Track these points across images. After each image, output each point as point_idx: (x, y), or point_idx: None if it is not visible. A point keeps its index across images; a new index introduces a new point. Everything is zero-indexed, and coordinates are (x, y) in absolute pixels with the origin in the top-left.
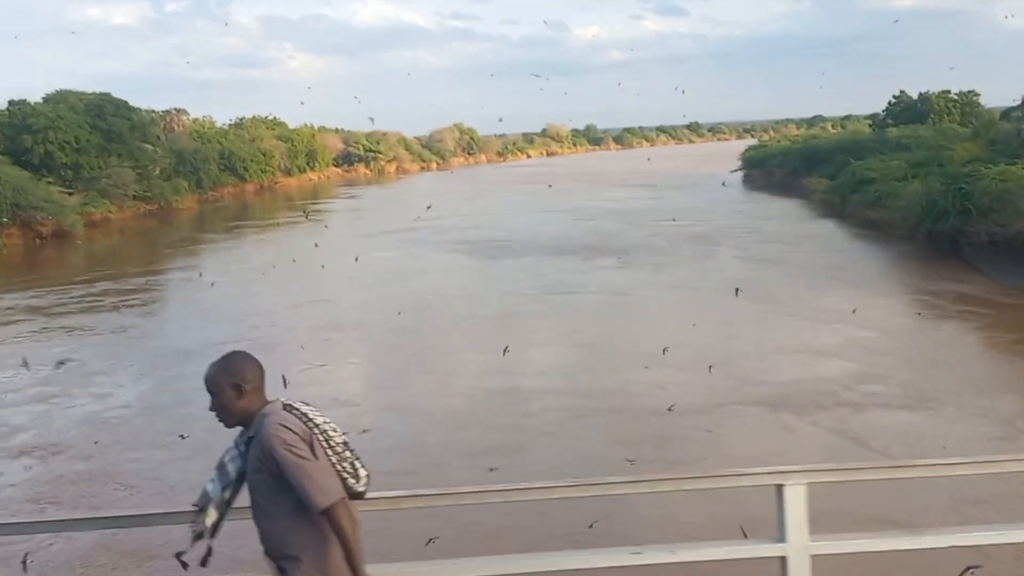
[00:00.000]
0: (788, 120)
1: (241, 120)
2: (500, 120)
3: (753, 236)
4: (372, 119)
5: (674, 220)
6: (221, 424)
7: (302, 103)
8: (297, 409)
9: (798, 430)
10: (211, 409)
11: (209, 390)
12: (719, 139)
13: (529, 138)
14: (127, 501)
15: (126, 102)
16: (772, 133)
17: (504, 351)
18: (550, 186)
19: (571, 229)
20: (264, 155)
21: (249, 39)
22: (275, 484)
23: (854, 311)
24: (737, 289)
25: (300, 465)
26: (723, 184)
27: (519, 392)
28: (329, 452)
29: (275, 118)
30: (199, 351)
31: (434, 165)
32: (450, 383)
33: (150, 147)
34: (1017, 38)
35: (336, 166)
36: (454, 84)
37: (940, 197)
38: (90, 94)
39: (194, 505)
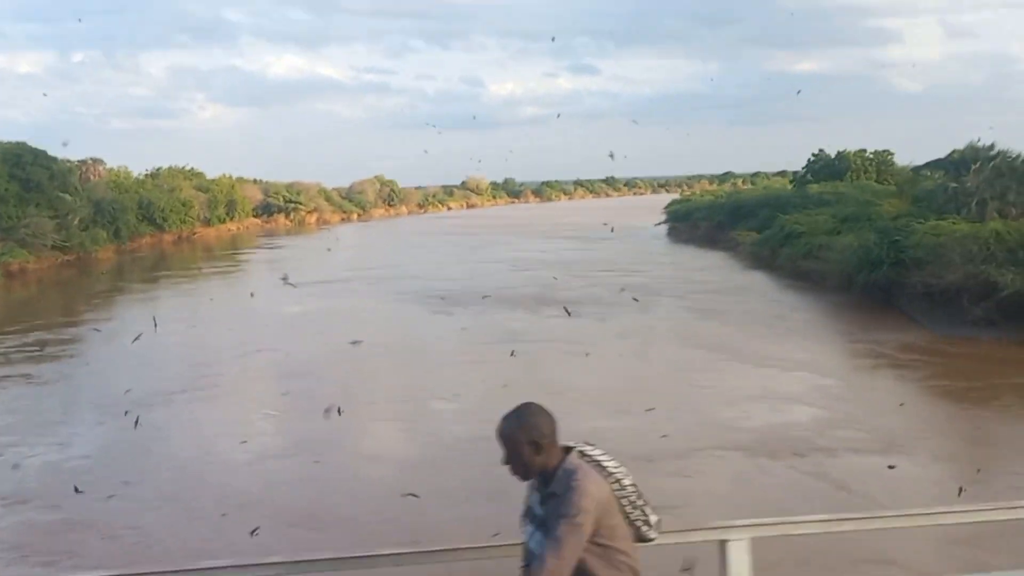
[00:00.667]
0: (700, 176)
1: (158, 170)
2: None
3: (690, 286)
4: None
5: (611, 271)
6: (516, 477)
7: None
8: (592, 459)
9: (775, 474)
10: (505, 463)
11: (505, 445)
12: (635, 193)
13: (449, 190)
14: (114, 549)
15: (45, 152)
16: (686, 188)
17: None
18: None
19: (511, 279)
20: (183, 205)
21: (159, 89)
22: None
23: (809, 357)
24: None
25: (566, 535)
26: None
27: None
28: (624, 501)
29: (192, 168)
30: (147, 399)
31: (355, 216)
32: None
33: (69, 197)
34: (912, 100)
35: (256, 216)
36: (371, 136)
37: (875, 249)
38: (7, 143)
39: (523, 567)
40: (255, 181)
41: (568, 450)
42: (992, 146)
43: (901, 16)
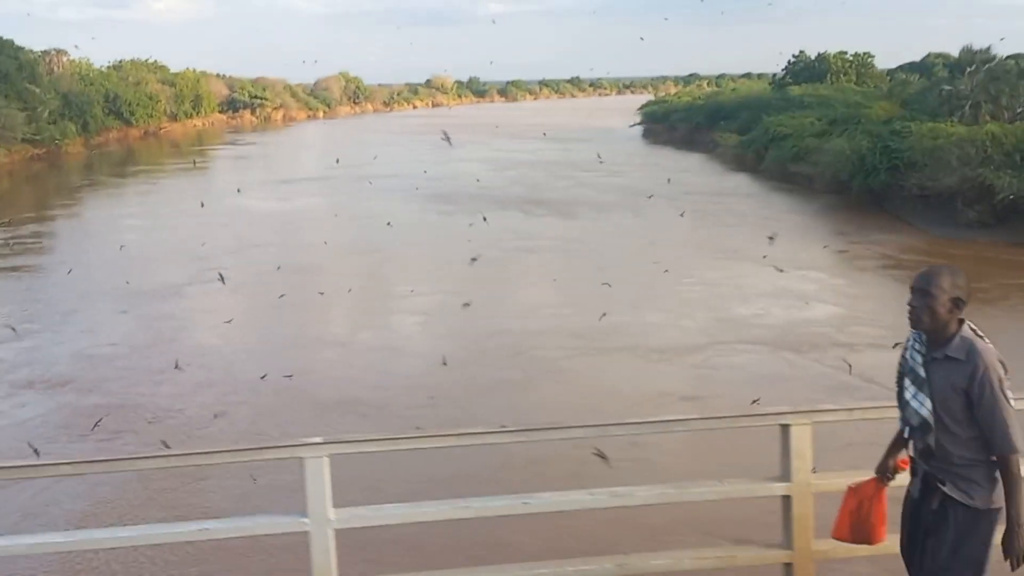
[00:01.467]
0: (665, 78)
1: (120, 63)
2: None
3: (676, 188)
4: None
5: (600, 161)
6: (909, 322)
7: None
8: (976, 334)
9: (803, 367)
10: (912, 304)
11: (925, 294)
12: (600, 94)
13: (414, 89)
14: (157, 431)
15: (12, 41)
16: (651, 89)
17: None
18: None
19: (495, 179)
20: (150, 99)
21: None
22: (965, 412)
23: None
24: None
25: (1002, 406)
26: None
27: (519, 334)
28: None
29: (156, 61)
30: (158, 291)
31: (320, 114)
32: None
33: (37, 89)
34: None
35: (221, 113)
36: (331, 32)
37: (869, 155)
38: None
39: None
40: (219, 76)
41: (962, 321)
42: (988, 49)
43: None
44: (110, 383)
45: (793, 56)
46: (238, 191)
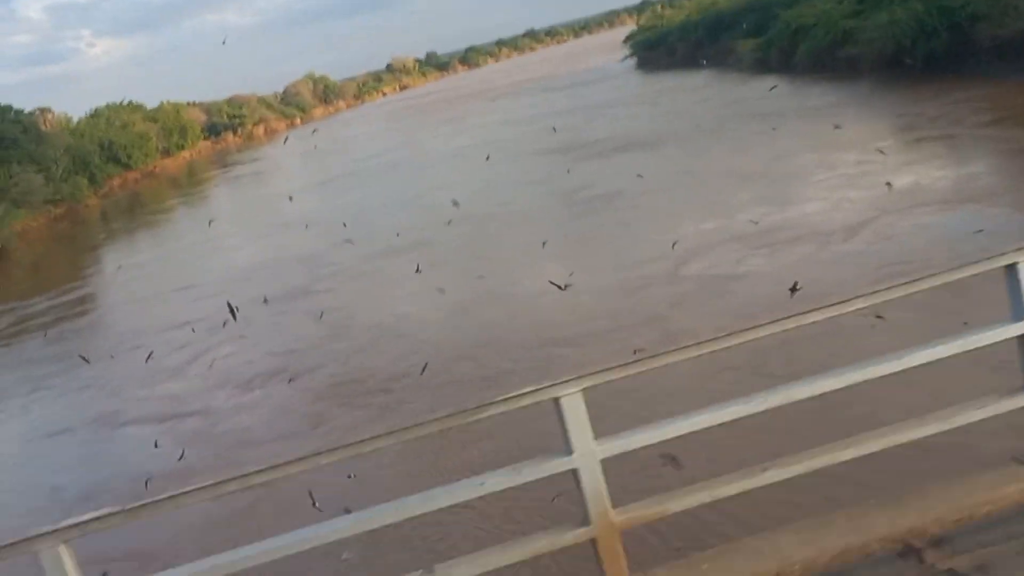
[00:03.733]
0: (616, 11)
1: (96, 110)
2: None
3: (711, 105)
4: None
5: (619, 106)
6: None
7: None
8: None
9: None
10: None
11: None
12: (558, 42)
13: (377, 76)
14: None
15: (10, 106)
16: (607, 26)
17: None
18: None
19: (535, 137)
20: (142, 139)
21: (42, 32)
22: None
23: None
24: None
25: None
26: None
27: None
28: None
29: (131, 102)
30: (289, 295)
31: (298, 120)
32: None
33: (48, 149)
34: None
35: (205, 139)
36: (272, 38)
37: (926, 18)
38: None
39: None
40: (192, 104)
41: None
42: None
43: None
44: None
45: None
46: (290, 199)
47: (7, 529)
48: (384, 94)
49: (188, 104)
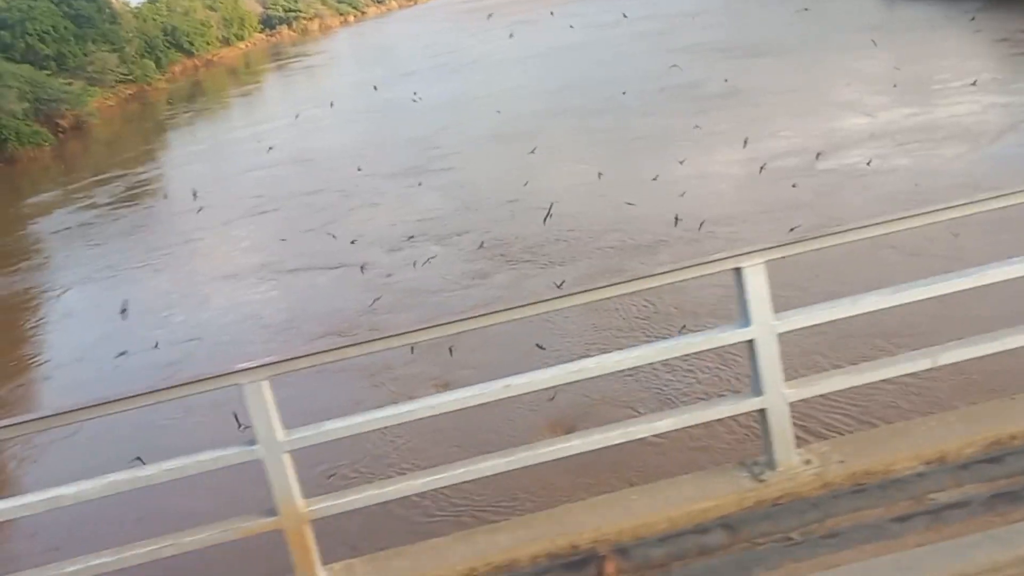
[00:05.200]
0: None
1: None
2: None
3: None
4: None
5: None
6: None
7: None
8: None
9: None
10: None
11: None
12: None
13: None
14: None
15: None
16: None
17: None
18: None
19: (650, 44)
20: (203, 26)
21: None
22: None
23: None
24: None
25: None
26: None
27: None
28: None
29: None
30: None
31: (351, 18)
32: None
33: (120, 30)
34: None
35: (259, 32)
36: None
37: None
38: None
39: None
40: None
41: None
42: None
43: None
44: None
45: None
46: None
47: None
48: None
49: None
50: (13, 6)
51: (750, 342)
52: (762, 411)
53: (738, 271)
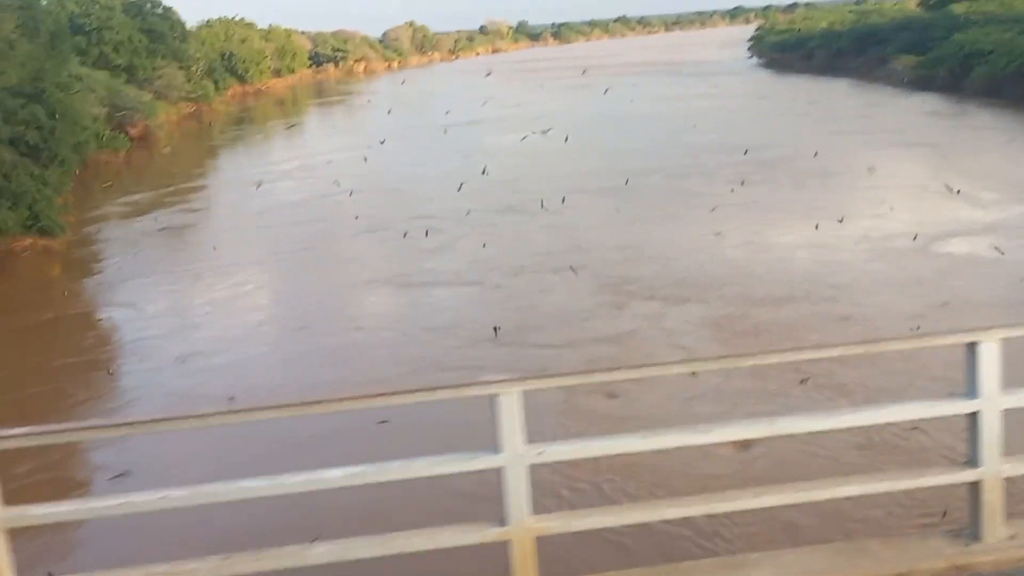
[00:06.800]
0: (711, 11)
1: (209, 21)
2: None
3: (880, 112)
4: None
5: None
6: None
7: None
8: None
9: None
10: None
11: None
12: (649, 32)
13: (470, 35)
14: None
15: (161, 2)
16: (698, 25)
17: None
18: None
19: (724, 119)
20: (260, 55)
21: None
22: None
23: None
24: None
25: None
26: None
27: None
28: None
29: (243, 19)
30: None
31: (395, 64)
32: None
33: (189, 48)
34: None
35: (306, 68)
36: None
37: None
38: None
39: None
40: (301, 32)
41: None
42: None
43: None
44: None
45: None
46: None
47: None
48: (478, 53)
49: (297, 31)
50: (93, 14)
51: (973, 415)
52: (975, 483)
53: (972, 346)
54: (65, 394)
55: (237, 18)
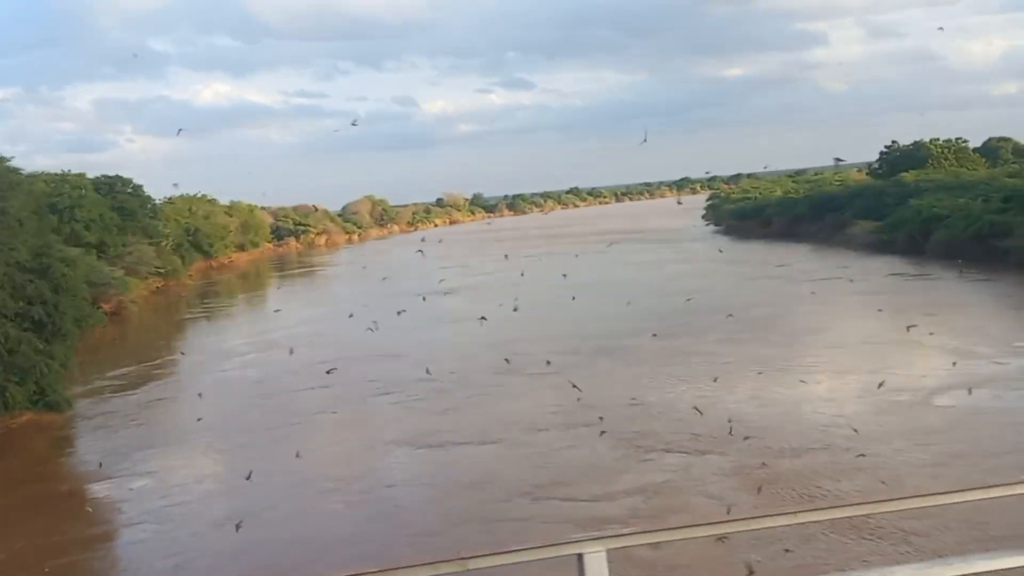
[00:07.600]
0: (659, 183)
1: (171, 199)
2: None
3: (846, 273)
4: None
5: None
6: None
7: (175, 184)
8: None
9: None
10: None
11: None
12: (600, 202)
13: (427, 207)
14: None
15: (131, 179)
16: (647, 195)
17: None
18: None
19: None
20: (224, 230)
21: (85, 123)
22: None
23: None
24: None
25: None
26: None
27: None
28: None
29: (205, 195)
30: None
31: (356, 237)
32: None
33: (158, 225)
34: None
35: (267, 242)
36: (310, 159)
37: None
38: (98, 175)
39: None
40: (262, 207)
41: None
42: None
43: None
44: None
45: (886, 146)
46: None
47: None
48: (435, 225)
49: (258, 206)
50: (64, 193)
51: None
52: None
53: (580, 557)
54: None
55: (199, 195)
